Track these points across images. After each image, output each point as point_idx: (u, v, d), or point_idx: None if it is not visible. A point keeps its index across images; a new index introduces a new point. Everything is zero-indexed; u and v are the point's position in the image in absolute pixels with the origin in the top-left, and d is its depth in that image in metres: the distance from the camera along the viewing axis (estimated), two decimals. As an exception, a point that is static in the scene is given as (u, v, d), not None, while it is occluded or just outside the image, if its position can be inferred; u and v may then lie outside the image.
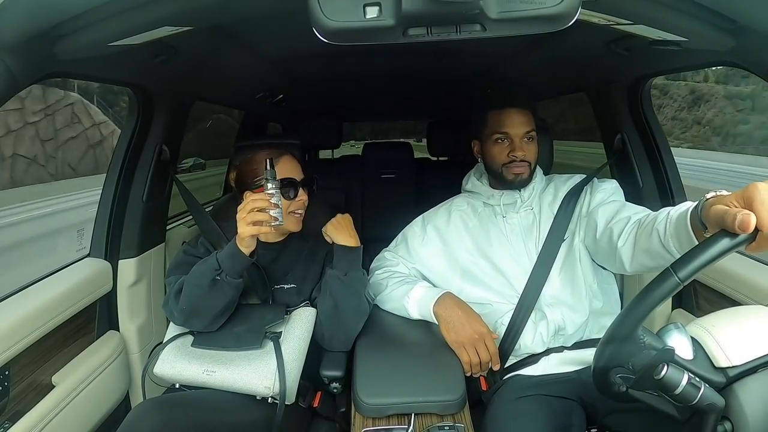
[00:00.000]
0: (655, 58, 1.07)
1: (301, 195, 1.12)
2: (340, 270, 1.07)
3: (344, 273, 1.07)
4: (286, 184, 1.09)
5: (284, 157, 1.13)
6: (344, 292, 1.06)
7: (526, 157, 1.12)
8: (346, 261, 1.08)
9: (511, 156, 1.12)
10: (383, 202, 2.43)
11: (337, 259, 1.09)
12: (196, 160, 9.08)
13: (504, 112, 1.13)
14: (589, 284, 1.10)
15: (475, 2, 0.54)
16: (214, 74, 1.36)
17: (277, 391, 0.97)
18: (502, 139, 1.13)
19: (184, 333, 1.06)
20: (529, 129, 1.13)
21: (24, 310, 0.98)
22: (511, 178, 1.14)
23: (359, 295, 1.07)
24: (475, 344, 1.01)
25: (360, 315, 1.08)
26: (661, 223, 0.81)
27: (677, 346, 0.59)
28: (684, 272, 0.55)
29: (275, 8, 0.82)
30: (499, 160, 1.14)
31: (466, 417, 0.91)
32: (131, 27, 0.71)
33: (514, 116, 1.12)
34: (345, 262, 1.08)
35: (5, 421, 0.93)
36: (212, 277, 0.96)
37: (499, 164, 1.14)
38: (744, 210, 0.52)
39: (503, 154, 1.13)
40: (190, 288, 0.99)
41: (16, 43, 0.66)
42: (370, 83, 2.11)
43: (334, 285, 1.06)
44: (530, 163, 1.13)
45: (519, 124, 1.12)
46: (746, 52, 0.78)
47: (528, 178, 1.15)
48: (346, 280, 1.06)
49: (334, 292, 1.06)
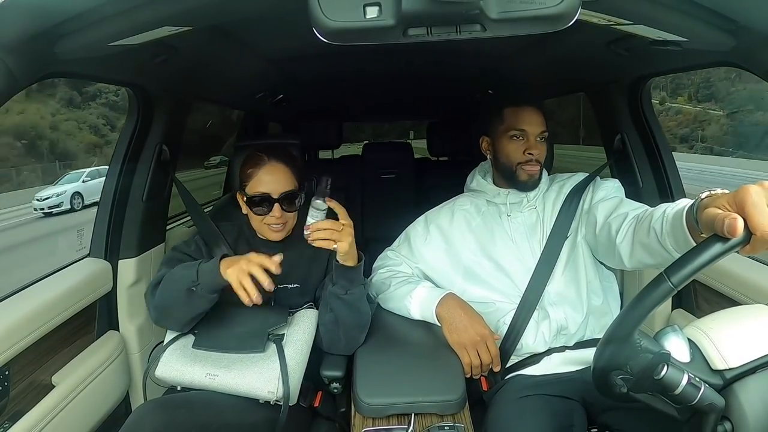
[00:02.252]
0: (655, 58, 1.07)
1: (275, 211, 1.07)
2: (340, 288, 1.02)
3: (345, 291, 1.02)
4: (259, 200, 1.08)
5: (266, 167, 1.08)
6: (345, 309, 1.03)
7: (540, 157, 1.12)
8: (347, 279, 1.02)
9: (527, 154, 1.11)
10: (383, 202, 2.43)
11: (338, 276, 1.02)
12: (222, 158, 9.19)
13: (522, 110, 1.13)
14: (589, 281, 1.10)
15: (475, 2, 0.54)
16: (214, 74, 1.36)
17: (281, 395, 0.97)
18: (518, 136, 1.13)
19: (185, 333, 1.06)
20: (544, 129, 1.13)
21: (24, 310, 0.98)
22: (525, 179, 1.13)
23: (360, 310, 1.04)
24: (477, 346, 1.01)
25: (361, 328, 1.06)
26: (657, 221, 0.81)
27: (674, 349, 0.59)
28: (677, 277, 0.55)
29: (275, 8, 0.83)
30: (514, 158, 1.13)
31: (466, 417, 0.91)
32: (131, 27, 0.71)
33: (532, 115, 1.12)
34: (346, 280, 1.02)
35: (5, 421, 0.93)
36: (188, 287, 0.96)
37: (514, 162, 1.13)
38: (732, 214, 0.52)
39: (519, 152, 1.12)
40: (167, 289, 1.00)
41: (17, 42, 0.66)
42: (370, 83, 2.11)
43: (335, 303, 1.03)
44: (542, 163, 1.14)
45: (536, 123, 1.12)
46: (746, 52, 0.78)
47: (539, 179, 1.15)
48: (347, 299, 1.02)
49: (334, 309, 1.04)
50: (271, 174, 1.08)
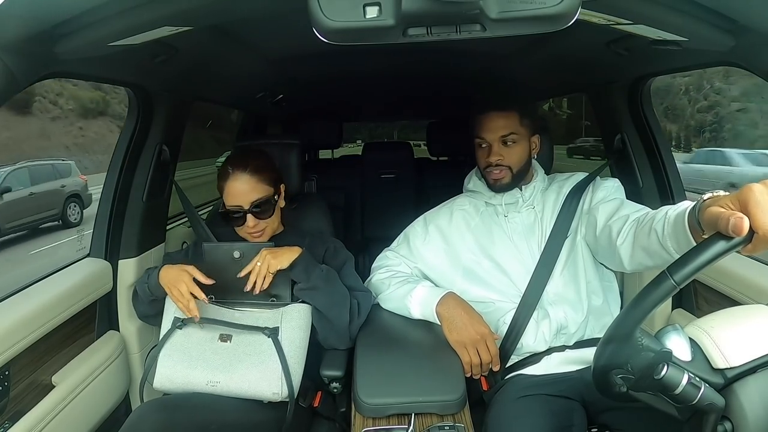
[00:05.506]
0: (655, 58, 1.07)
1: (249, 221, 1.10)
2: (303, 282, 1.05)
3: (307, 281, 1.05)
4: (232, 213, 1.12)
5: (230, 180, 1.10)
6: (317, 295, 1.05)
7: (503, 162, 1.12)
8: (301, 269, 1.04)
9: (486, 161, 1.13)
10: (383, 202, 2.43)
11: (295, 275, 1.05)
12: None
13: (483, 117, 1.14)
14: (589, 281, 1.10)
15: (475, 2, 0.54)
16: (214, 74, 1.36)
17: (285, 395, 0.97)
18: (481, 144, 1.15)
19: (171, 331, 1.04)
20: (506, 133, 1.12)
21: (24, 310, 0.98)
22: (491, 183, 1.15)
23: (331, 289, 1.07)
24: (477, 345, 1.01)
25: (341, 303, 1.07)
26: (659, 223, 0.81)
27: (675, 348, 0.59)
28: (679, 275, 0.55)
29: (275, 8, 0.83)
30: (480, 164, 1.16)
31: (466, 417, 0.91)
32: (131, 27, 0.71)
33: (492, 120, 1.12)
34: (302, 273, 1.04)
35: (5, 421, 0.93)
36: (149, 297, 1.09)
37: (482, 168, 1.16)
38: (737, 213, 0.52)
39: (483, 159, 1.15)
40: (138, 300, 1.14)
41: (17, 42, 0.66)
42: (370, 83, 2.11)
43: (306, 296, 1.06)
44: (510, 167, 1.13)
45: (495, 128, 1.12)
46: (746, 52, 0.78)
47: (510, 182, 1.14)
48: (311, 286, 1.05)
49: (309, 300, 1.06)
50: (238, 186, 1.10)
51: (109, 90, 15.84)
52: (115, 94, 16.20)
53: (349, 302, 1.08)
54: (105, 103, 17.57)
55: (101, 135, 16.42)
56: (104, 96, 17.32)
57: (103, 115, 17.50)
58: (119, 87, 1.16)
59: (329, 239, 1.26)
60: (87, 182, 8.57)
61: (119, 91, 1.21)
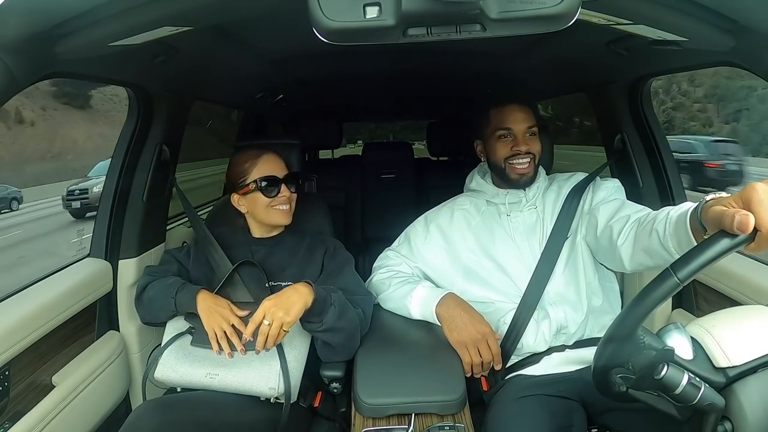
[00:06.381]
0: (655, 58, 1.07)
1: (284, 191, 1.14)
2: (314, 325, 0.99)
3: (320, 323, 0.99)
4: (267, 183, 1.12)
5: (264, 156, 1.14)
6: (330, 335, 1.01)
7: (530, 150, 1.13)
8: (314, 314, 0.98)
9: (515, 150, 1.12)
10: (383, 202, 2.43)
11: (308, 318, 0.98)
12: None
13: (506, 108, 1.14)
14: (589, 281, 1.10)
15: (475, 2, 0.54)
16: (214, 74, 1.36)
17: (282, 392, 0.97)
18: (505, 135, 1.14)
19: (182, 333, 1.06)
20: (531, 124, 1.13)
21: (24, 310, 0.98)
22: (515, 178, 1.14)
23: (344, 325, 1.01)
24: (478, 344, 1.01)
25: (353, 337, 1.03)
26: (660, 223, 0.81)
27: (677, 346, 0.59)
28: (683, 273, 0.54)
29: (275, 8, 0.83)
30: (502, 155, 1.14)
31: (467, 417, 0.91)
32: (131, 27, 0.71)
33: (516, 112, 1.13)
34: (315, 317, 0.98)
35: (5, 421, 0.93)
36: (168, 312, 1.07)
37: (502, 159, 1.14)
38: (742, 210, 0.52)
39: (506, 149, 1.13)
40: (149, 304, 1.09)
41: (17, 42, 0.66)
42: (370, 83, 2.11)
43: (319, 336, 1.02)
44: (534, 156, 1.14)
45: (521, 119, 1.13)
46: (746, 52, 0.78)
47: (533, 176, 1.15)
48: (325, 328, 0.99)
49: (320, 338, 1.02)
50: (271, 162, 1.15)
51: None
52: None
53: (359, 326, 1.05)
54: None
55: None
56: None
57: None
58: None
59: (329, 239, 1.26)
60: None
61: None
